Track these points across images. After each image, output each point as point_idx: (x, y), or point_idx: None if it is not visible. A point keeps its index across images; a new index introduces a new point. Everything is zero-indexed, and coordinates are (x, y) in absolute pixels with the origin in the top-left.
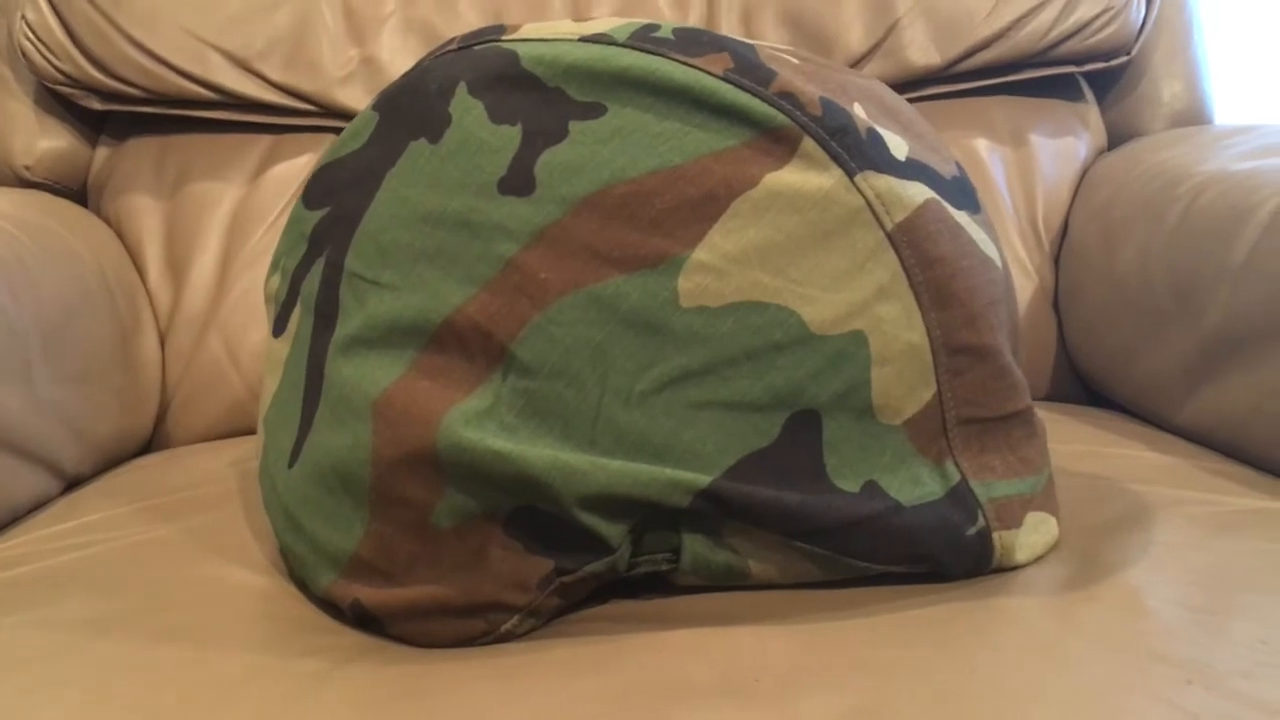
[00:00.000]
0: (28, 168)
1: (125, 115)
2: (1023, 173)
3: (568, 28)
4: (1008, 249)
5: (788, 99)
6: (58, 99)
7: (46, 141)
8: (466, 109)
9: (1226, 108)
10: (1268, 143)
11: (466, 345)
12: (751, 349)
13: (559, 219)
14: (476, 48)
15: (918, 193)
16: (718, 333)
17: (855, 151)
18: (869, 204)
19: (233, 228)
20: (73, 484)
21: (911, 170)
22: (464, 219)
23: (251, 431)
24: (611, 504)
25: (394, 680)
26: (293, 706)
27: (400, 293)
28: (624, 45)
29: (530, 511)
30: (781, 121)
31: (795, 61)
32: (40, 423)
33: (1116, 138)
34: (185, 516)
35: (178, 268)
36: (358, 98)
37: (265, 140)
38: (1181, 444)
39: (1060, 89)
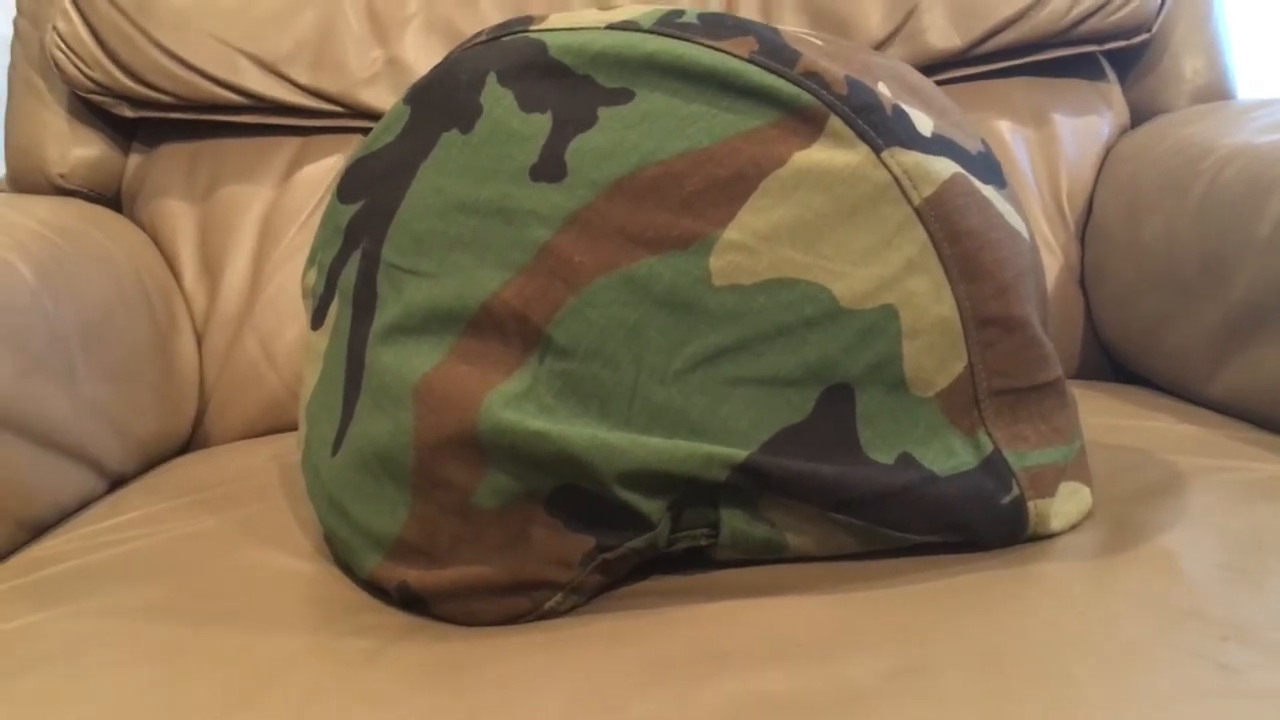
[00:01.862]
0: (62, 175)
1: (157, 121)
2: (1046, 153)
3: (594, 16)
4: (1033, 229)
5: (814, 79)
6: (90, 107)
7: (80, 149)
8: (497, 99)
9: (1249, 83)
10: None
11: (504, 329)
12: (784, 325)
13: (591, 203)
14: (505, 39)
15: (944, 167)
16: (750, 310)
17: (882, 128)
18: (896, 179)
19: (265, 229)
20: (116, 483)
21: (937, 146)
22: (498, 206)
23: (289, 428)
24: (650, 480)
25: (443, 655)
26: (348, 680)
27: (437, 280)
28: (650, 31)
29: (571, 490)
30: (808, 101)
31: (819, 43)
32: (84, 422)
33: (1139, 116)
34: (229, 509)
35: (212, 269)
36: (383, 98)
37: (294, 142)
38: (1211, 415)
39: (1081, 68)
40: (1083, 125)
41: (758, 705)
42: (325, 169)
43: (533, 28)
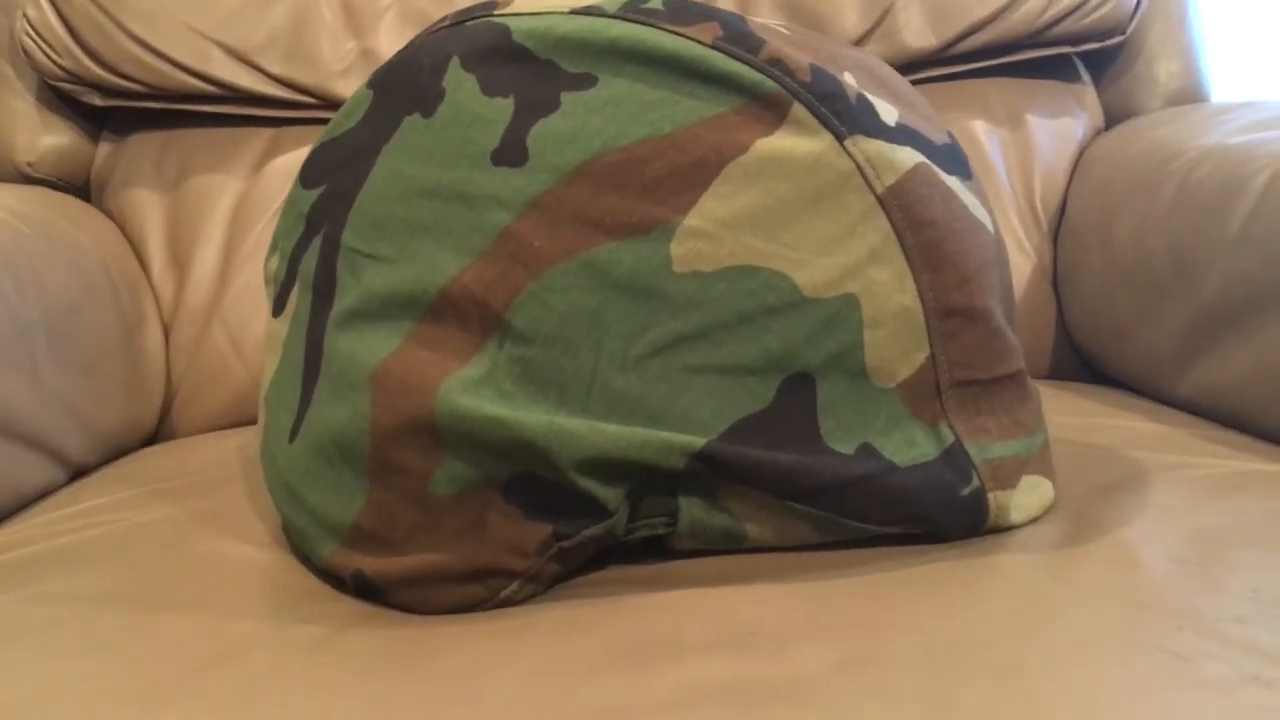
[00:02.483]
0: (30, 164)
1: (127, 111)
2: (1020, 154)
3: (559, 1)
4: (1006, 229)
5: (777, 65)
6: (60, 96)
7: (49, 138)
8: (459, 83)
9: (1224, 86)
10: (1263, 117)
11: (463, 315)
12: (745, 313)
13: (552, 188)
14: (469, 23)
15: (908, 157)
16: (711, 297)
17: (845, 116)
18: (859, 168)
19: (235, 220)
20: (78, 474)
21: (901, 135)
22: (458, 191)
23: (256, 421)
24: (608, 467)
25: (391, 644)
26: (291, 669)
27: (397, 265)
28: (614, 16)
29: (528, 477)
30: (771, 88)
31: (786, 32)
32: (46, 412)
33: (1114, 118)
34: (189, 499)
35: (181, 261)
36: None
37: (266, 133)
38: (1179, 414)
39: (1056, 70)
40: (1057, 126)
41: (707, 694)
42: (297, 160)
43: (496, 12)
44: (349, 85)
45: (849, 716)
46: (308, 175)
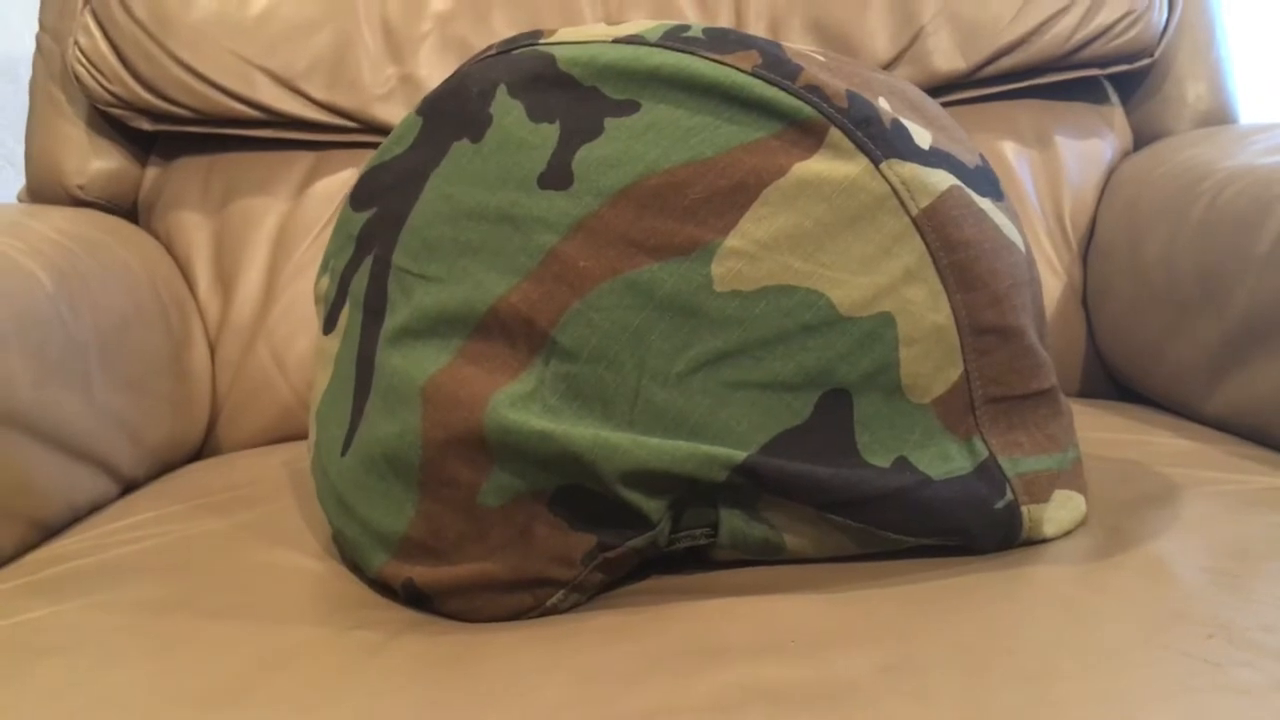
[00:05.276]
0: (81, 187)
1: (174, 135)
2: (1049, 175)
3: (601, 30)
4: (1036, 249)
5: (814, 92)
6: (109, 120)
7: (99, 162)
8: (506, 109)
9: (1251, 108)
10: None
11: (510, 333)
12: (783, 331)
13: (596, 210)
14: (515, 52)
15: (941, 179)
16: (750, 315)
17: (880, 141)
18: (894, 190)
19: (278, 241)
20: (128, 488)
21: (935, 158)
22: (506, 213)
23: (300, 437)
24: (651, 480)
25: (443, 649)
26: (348, 673)
27: (446, 285)
28: (656, 45)
29: (574, 489)
30: (809, 113)
31: (821, 59)
32: (98, 428)
33: (1142, 139)
34: (238, 511)
35: (226, 281)
36: (397, 114)
37: (308, 157)
38: (1208, 431)
39: (1085, 92)
40: (1086, 148)
41: (751, 696)
42: (339, 183)
43: (542, 41)
44: (389, 110)
45: (888, 719)
46: (358, 198)
